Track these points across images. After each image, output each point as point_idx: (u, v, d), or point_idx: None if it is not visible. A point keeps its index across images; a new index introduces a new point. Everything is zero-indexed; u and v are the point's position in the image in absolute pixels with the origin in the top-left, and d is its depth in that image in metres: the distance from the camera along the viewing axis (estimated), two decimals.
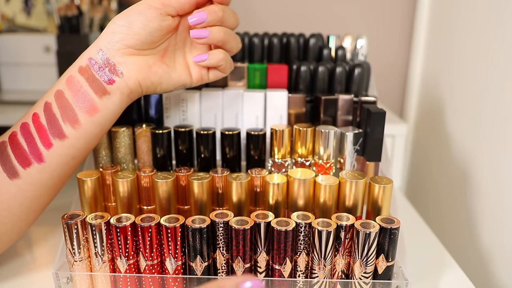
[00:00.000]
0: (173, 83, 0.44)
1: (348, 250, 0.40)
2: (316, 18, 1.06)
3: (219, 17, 0.41)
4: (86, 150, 0.42)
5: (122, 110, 0.43)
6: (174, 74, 0.44)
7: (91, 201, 0.46)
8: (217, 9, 0.41)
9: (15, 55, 0.98)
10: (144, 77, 0.41)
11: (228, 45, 0.43)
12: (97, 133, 0.42)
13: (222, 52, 0.43)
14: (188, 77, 0.44)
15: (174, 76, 0.44)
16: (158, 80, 0.43)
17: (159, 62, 0.43)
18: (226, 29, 0.42)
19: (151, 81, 0.42)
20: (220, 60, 0.43)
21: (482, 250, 0.67)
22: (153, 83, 0.42)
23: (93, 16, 0.95)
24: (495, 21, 0.66)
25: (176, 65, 0.44)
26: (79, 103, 0.40)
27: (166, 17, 0.40)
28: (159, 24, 0.40)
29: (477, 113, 0.70)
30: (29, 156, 0.40)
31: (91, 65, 0.40)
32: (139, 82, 0.41)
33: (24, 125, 0.41)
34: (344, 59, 0.61)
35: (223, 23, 0.42)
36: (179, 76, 0.44)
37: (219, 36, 0.41)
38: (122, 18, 0.40)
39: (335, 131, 0.47)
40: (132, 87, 0.41)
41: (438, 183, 0.84)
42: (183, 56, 0.45)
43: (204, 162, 0.49)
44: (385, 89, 1.08)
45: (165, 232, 0.39)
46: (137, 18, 0.39)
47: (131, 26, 0.39)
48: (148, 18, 0.39)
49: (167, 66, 0.43)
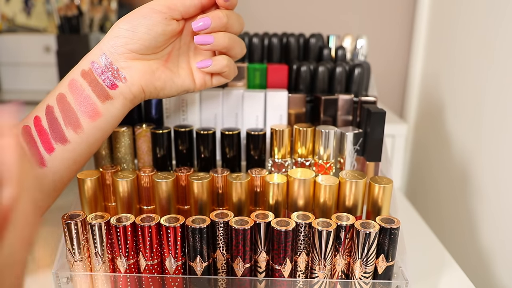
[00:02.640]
0: (176, 88, 0.43)
1: (348, 250, 0.40)
2: (316, 18, 1.06)
3: (223, 23, 0.40)
4: (88, 154, 0.42)
5: (125, 115, 0.42)
6: (177, 79, 0.43)
7: (91, 201, 0.46)
8: (221, 15, 0.40)
9: (15, 55, 0.98)
10: (147, 82, 0.41)
11: (232, 51, 0.43)
12: (99, 138, 0.41)
13: (226, 59, 0.42)
14: (191, 82, 0.44)
15: (177, 82, 0.43)
16: (161, 85, 0.42)
17: (163, 67, 0.42)
18: (231, 35, 0.41)
19: (154, 86, 0.42)
20: (223, 67, 0.42)
21: (482, 250, 0.67)
22: (156, 88, 0.42)
23: (93, 16, 0.95)
24: (495, 20, 0.66)
25: (180, 70, 0.44)
26: (82, 108, 0.39)
27: (171, 22, 0.40)
28: (164, 29, 0.39)
29: (477, 113, 0.70)
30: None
31: (94, 69, 0.39)
32: (142, 87, 0.41)
33: (26, 128, 0.40)
34: (344, 59, 0.61)
35: (228, 29, 0.41)
36: (183, 81, 0.43)
37: (224, 42, 0.41)
38: (126, 22, 0.39)
39: (335, 131, 0.47)
40: (135, 92, 0.41)
41: (438, 183, 0.84)
42: (186, 61, 0.44)
43: (204, 162, 0.49)
44: (385, 89, 1.08)
45: (165, 232, 0.39)
46: (141, 22, 0.39)
47: (135, 31, 0.39)
48: (153, 22, 0.39)
49: (170, 71, 0.43)
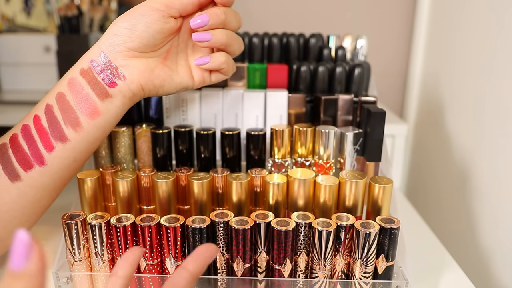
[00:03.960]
0: (175, 85, 0.43)
1: (348, 250, 0.40)
2: (316, 18, 1.06)
3: (221, 19, 0.40)
4: (87, 152, 0.42)
5: (124, 113, 0.42)
6: (176, 76, 0.43)
7: (91, 201, 0.46)
8: (219, 11, 0.40)
9: (15, 55, 0.98)
10: (146, 80, 0.41)
11: (230, 48, 0.43)
12: (99, 136, 0.41)
13: (224, 55, 0.43)
14: (190, 79, 0.44)
15: (176, 79, 0.43)
16: (160, 83, 0.42)
17: (161, 65, 0.42)
18: (229, 31, 0.42)
19: (154, 84, 0.42)
20: (222, 63, 0.43)
21: (482, 250, 0.67)
22: (156, 86, 0.42)
23: (93, 16, 0.95)
24: (495, 20, 0.66)
25: (178, 67, 0.44)
26: (81, 106, 0.39)
27: (169, 19, 0.40)
28: (162, 27, 0.40)
29: (477, 113, 0.70)
30: (30, 158, 0.40)
31: (93, 67, 0.40)
32: (141, 85, 0.41)
33: (25, 127, 0.40)
34: (344, 59, 0.61)
35: (226, 26, 0.41)
36: (181, 78, 0.43)
37: (222, 39, 0.41)
38: (124, 20, 0.39)
39: (335, 131, 0.47)
40: (134, 90, 0.41)
41: (438, 183, 0.84)
42: (185, 58, 0.44)
43: (204, 162, 0.49)
44: (385, 89, 1.08)
45: (165, 232, 0.39)
46: (140, 20, 0.39)
47: (134, 29, 0.39)
48: (151, 20, 0.39)
49: (169, 69, 0.43)
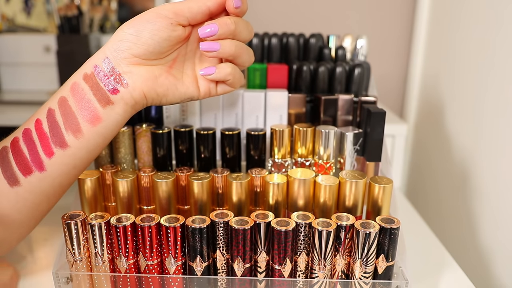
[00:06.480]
0: (179, 95, 0.42)
1: (348, 250, 0.40)
2: (316, 18, 1.06)
3: (231, 30, 0.39)
4: (87, 160, 0.41)
5: (126, 121, 0.41)
6: (181, 86, 0.42)
7: (91, 201, 0.46)
8: (229, 21, 0.38)
9: (15, 55, 0.98)
10: (149, 88, 0.40)
11: (239, 59, 0.41)
12: (99, 144, 0.40)
13: (230, 66, 0.41)
14: (195, 90, 0.43)
15: (181, 89, 0.42)
16: (164, 92, 0.41)
17: (166, 73, 0.41)
18: (238, 42, 0.40)
19: (157, 93, 0.41)
20: (227, 75, 0.41)
21: (482, 250, 0.67)
22: (159, 94, 0.41)
23: (93, 16, 0.95)
24: (495, 21, 0.66)
25: (184, 77, 0.42)
26: (82, 112, 0.39)
27: (177, 27, 0.39)
28: (169, 35, 0.39)
29: (477, 113, 0.70)
30: (30, 164, 0.39)
31: (96, 72, 0.39)
32: (144, 93, 0.40)
33: (27, 131, 0.40)
34: (344, 59, 0.61)
35: (236, 36, 0.40)
36: (186, 88, 0.42)
37: (230, 50, 0.39)
38: (130, 26, 0.38)
39: (335, 131, 0.47)
40: (136, 97, 0.40)
41: (438, 183, 0.84)
42: (192, 67, 0.43)
43: (204, 162, 0.49)
44: (385, 89, 1.08)
45: (165, 232, 0.39)
46: (146, 26, 0.38)
47: (139, 35, 0.38)
48: (158, 27, 0.38)
49: (174, 78, 0.42)
